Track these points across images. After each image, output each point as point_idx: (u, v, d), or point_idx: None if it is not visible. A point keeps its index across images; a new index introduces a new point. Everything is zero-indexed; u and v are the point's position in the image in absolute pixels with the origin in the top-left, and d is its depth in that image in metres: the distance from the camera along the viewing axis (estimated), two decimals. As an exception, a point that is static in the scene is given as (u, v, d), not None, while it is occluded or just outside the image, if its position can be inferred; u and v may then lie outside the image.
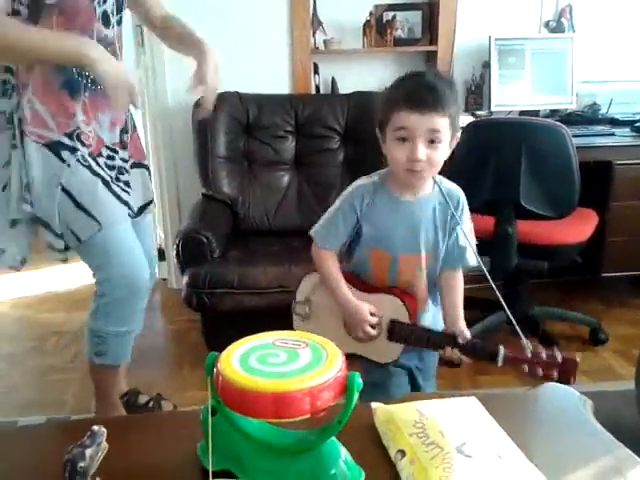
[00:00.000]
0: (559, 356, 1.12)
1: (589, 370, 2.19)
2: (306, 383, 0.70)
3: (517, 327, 1.23)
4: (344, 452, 0.77)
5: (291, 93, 2.86)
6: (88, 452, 0.71)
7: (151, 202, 1.82)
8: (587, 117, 2.80)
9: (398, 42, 2.87)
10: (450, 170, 1.33)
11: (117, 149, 1.65)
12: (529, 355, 1.14)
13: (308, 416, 0.69)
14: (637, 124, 2.64)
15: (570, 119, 2.71)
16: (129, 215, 1.65)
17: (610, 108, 2.84)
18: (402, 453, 0.77)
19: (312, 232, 1.36)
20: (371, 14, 2.84)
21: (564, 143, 2.03)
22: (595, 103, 2.87)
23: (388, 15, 2.86)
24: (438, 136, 1.18)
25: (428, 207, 1.29)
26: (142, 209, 1.76)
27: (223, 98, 2.66)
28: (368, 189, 1.29)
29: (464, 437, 0.76)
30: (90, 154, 1.56)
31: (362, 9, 2.84)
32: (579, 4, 2.93)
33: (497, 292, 1.28)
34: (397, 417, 0.83)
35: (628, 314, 2.64)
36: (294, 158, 2.70)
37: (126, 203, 1.64)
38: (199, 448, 0.81)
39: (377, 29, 2.85)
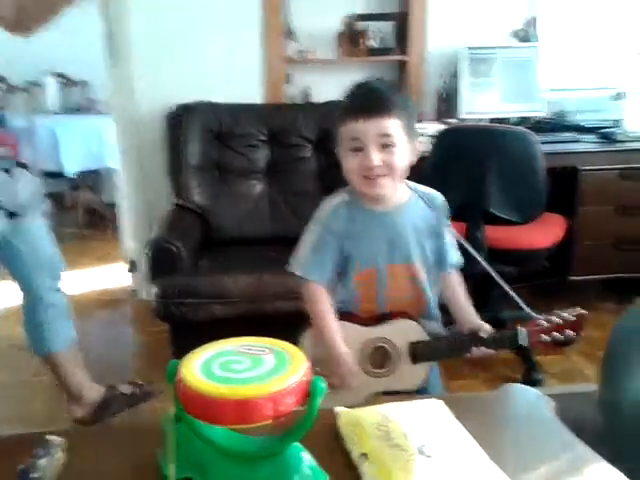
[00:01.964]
0: (570, 316, 1.17)
1: (557, 372, 2.23)
2: (268, 389, 0.70)
3: (518, 300, 1.24)
4: (307, 457, 0.77)
5: (264, 103, 2.87)
6: (42, 462, 0.69)
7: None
8: (554, 124, 2.86)
9: (371, 52, 2.91)
10: (420, 176, 1.34)
11: None
12: (546, 324, 1.16)
13: (270, 421, 0.69)
14: (602, 131, 2.70)
15: (538, 126, 2.76)
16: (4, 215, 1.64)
17: (577, 115, 2.90)
18: (365, 456, 0.77)
19: (292, 267, 1.26)
20: (344, 24, 2.87)
21: (532, 149, 2.08)
22: (562, 111, 2.94)
23: (361, 25, 2.89)
24: (390, 140, 1.14)
25: (407, 214, 1.25)
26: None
27: (195, 107, 2.66)
28: (341, 207, 1.24)
29: (426, 438, 0.77)
30: None
31: (335, 19, 2.87)
32: (545, 15, 3.00)
33: (503, 284, 1.29)
34: (361, 420, 0.83)
35: (595, 317, 2.66)
36: (267, 167, 2.70)
37: None
38: (160, 457, 0.80)
39: (350, 39, 2.88)
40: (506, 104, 2.87)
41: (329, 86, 2.92)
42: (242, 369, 0.74)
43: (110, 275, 3.38)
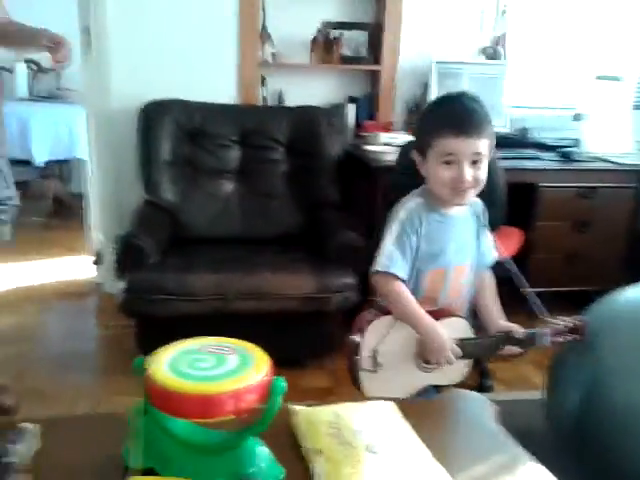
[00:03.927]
0: (576, 322, 1.35)
1: (507, 380, 2.32)
2: (230, 386, 0.75)
3: (537, 302, 1.41)
4: (265, 451, 0.83)
5: (238, 104, 2.90)
6: (16, 448, 0.73)
7: None
8: (517, 140, 2.95)
9: (344, 59, 2.96)
10: (387, 187, 1.41)
11: None
12: (562, 327, 1.33)
13: (232, 417, 0.74)
14: (562, 149, 2.82)
15: (502, 142, 2.85)
16: None
17: (538, 133, 3.02)
18: (319, 452, 0.83)
19: (378, 268, 1.32)
20: (319, 31, 2.92)
21: (491, 165, 2.15)
22: (525, 128, 3.05)
23: (335, 33, 2.95)
24: (481, 157, 1.28)
25: (467, 219, 1.40)
26: None
27: (168, 104, 2.68)
28: (419, 209, 1.35)
29: (374, 436, 0.83)
30: None
31: (310, 25, 2.91)
32: (512, 34, 3.11)
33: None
34: (315, 418, 0.89)
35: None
36: (238, 167, 2.73)
37: None
38: (124, 448, 0.84)
39: (324, 46, 2.93)
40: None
41: (302, 90, 2.98)
42: (207, 367, 0.79)
43: (76, 266, 3.37)
